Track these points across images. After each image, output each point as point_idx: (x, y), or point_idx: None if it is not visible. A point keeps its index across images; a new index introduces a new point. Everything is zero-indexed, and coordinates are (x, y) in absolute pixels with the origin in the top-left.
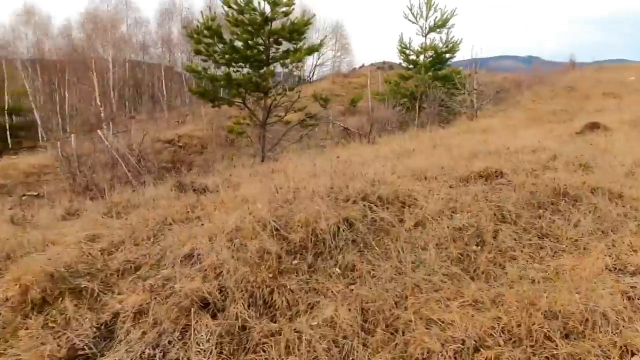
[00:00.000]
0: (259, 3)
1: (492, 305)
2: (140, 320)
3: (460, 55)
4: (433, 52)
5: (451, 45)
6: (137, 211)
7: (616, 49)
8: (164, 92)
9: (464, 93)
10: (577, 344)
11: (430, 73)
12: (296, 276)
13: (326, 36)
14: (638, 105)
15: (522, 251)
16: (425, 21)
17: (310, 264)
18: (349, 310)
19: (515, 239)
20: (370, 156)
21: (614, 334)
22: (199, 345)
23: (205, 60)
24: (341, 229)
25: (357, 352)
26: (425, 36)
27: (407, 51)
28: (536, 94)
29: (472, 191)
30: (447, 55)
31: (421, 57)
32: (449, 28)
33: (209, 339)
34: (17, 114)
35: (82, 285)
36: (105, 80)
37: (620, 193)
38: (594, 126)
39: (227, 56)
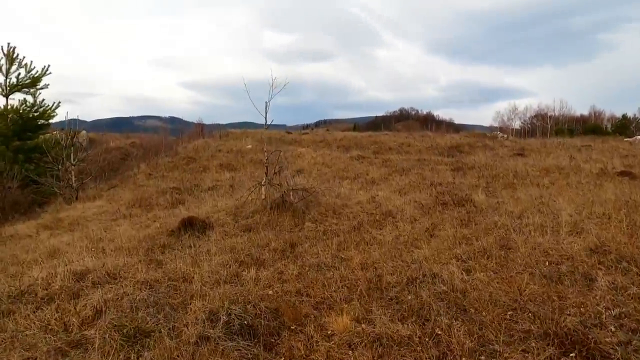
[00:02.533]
0: None
1: None
2: None
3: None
4: (17, 116)
5: (42, 109)
6: None
7: (243, 112)
8: None
9: (58, 170)
10: None
11: (17, 143)
12: None
13: None
14: (250, 181)
15: None
16: (6, 78)
17: None
18: None
19: None
20: None
21: None
22: None
23: None
24: None
25: None
26: (7, 97)
27: None
28: (154, 166)
29: None
30: (41, 122)
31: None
32: (41, 88)
33: None
34: None
35: None
36: None
37: None
38: (190, 223)
39: None
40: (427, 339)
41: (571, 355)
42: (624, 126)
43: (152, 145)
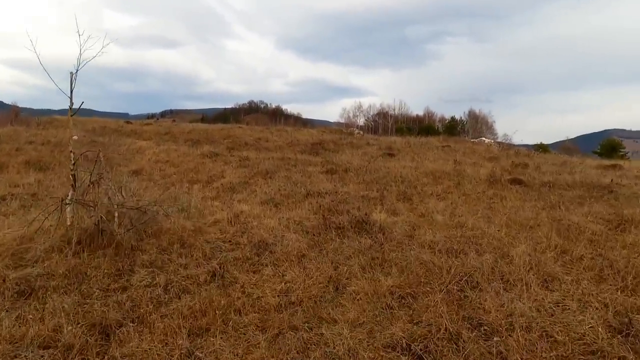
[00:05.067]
0: None
1: None
2: None
3: None
4: None
5: None
6: None
7: (82, 98)
8: None
9: None
10: None
11: None
12: None
13: None
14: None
15: None
16: None
17: None
18: None
19: None
20: None
21: None
22: None
23: None
24: None
25: None
26: None
27: None
28: None
29: None
30: None
31: None
32: None
33: None
34: None
35: None
36: None
37: None
38: None
39: None
40: None
41: None
42: (452, 127)
43: None
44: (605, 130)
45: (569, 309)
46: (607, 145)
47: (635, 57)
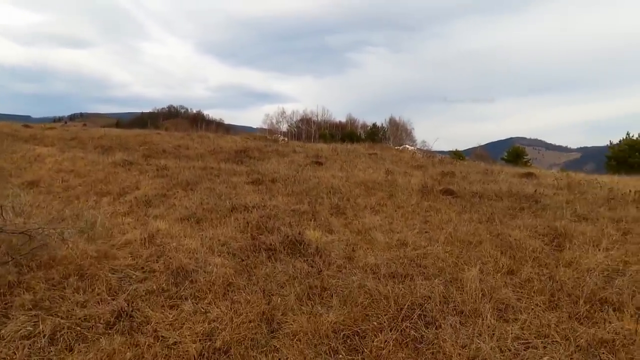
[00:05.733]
0: None
1: None
2: None
3: None
4: None
5: None
6: None
7: None
8: None
9: None
10: None
11: None
12: None
13: None
14: None
15: None
16: None
17: None
18: None
19: None
20: None
21: None
22: None
23: None
24: None
25: None
26: None
27: None
28: None
29: None
30: None
31: None
32: None
33: None
34: None
35: None
36: None
37: None
38: None
39: None
40: None
41: None
42: (374, 133)
43: None
44: (510, 138)
45: (532, 346)
46: (513, 152)
47: (534, 74)
